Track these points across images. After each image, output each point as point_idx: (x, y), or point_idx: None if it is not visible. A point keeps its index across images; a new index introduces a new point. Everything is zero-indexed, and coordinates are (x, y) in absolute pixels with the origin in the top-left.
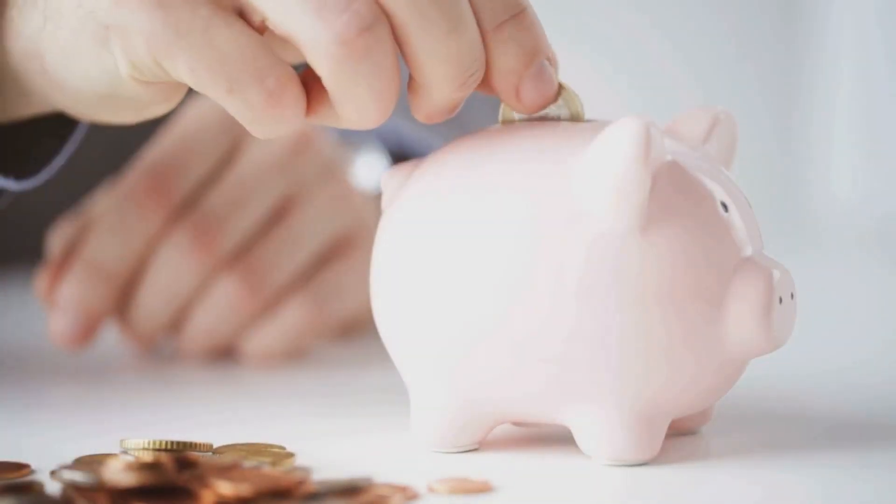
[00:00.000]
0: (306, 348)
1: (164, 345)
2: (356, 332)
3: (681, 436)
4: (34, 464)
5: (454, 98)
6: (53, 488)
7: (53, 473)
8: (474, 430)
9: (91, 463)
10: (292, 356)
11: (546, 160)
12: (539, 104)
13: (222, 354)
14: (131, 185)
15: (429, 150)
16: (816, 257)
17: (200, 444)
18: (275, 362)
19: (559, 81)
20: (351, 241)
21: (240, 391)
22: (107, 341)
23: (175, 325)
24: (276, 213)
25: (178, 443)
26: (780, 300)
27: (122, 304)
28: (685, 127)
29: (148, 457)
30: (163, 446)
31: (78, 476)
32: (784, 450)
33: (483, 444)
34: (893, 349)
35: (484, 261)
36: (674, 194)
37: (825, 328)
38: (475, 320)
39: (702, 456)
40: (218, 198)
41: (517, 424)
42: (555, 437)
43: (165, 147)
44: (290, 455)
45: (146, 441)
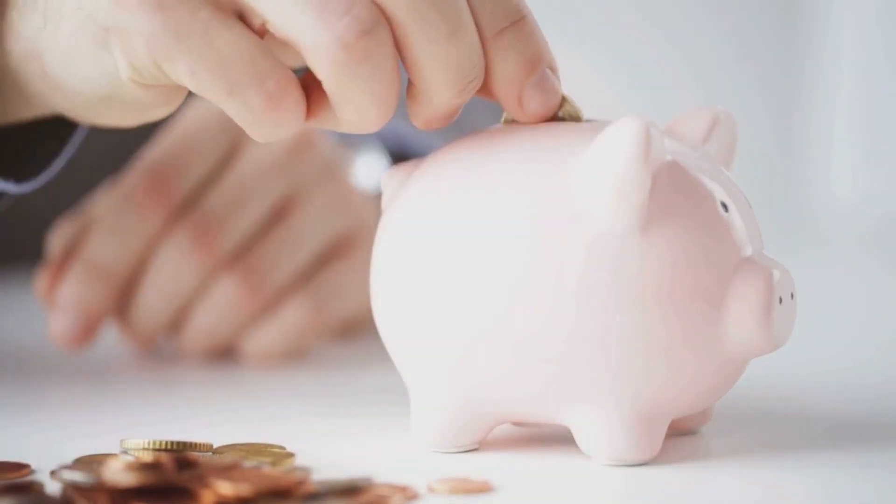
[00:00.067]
0: (306, 348)
1: (164, 345)
2: (356, 332)
3: (681, 436)
4: (34, 464)
5: (453, 104)
6: (53, 488)
7: (53, 473)
8: (474, 430)
9: (91, 463)
10: (292, 356)
11: (546, 160)
12: (542, 113)
13: (222, 354)
14: (131, 186)
15: (429, 150)
16: (816, 257)
17: (200, 444)
18: (275, 362)
19: (563, 93)
20: (351, 241)
21: (240, 391)
22: (107, 341)
23: (175, 325)
24: (276, 214)
25: (178, 443)
26: (780, 300)
27: (122, 304)
28: (685, 127)
29: (148, 457)
30: (163, 446)
31: (78, 476)
32: (784, 450)
33: (483, 444)
34: (893, 349)
35: (484, 261)
36: (674, 194)
37: (825, 328)
38: (475, 320)
39: (702, 456)
40: (218, 198)
41: (517, 424)
42: (555, 437)
43: (165, 147)
44: (290, 455)
45: (146, 441)
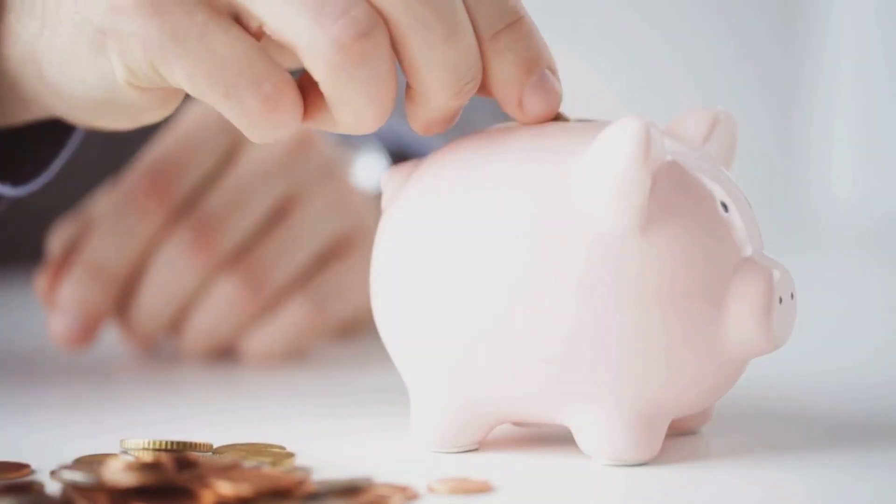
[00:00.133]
0: (306, 348)
1: (164, 345)
2: (356, 332)
3: (681, 436)
4: (34, 464)
5: (450, 106)
6: (53, 488)
7: (53, 473)
8: (474, 430)
9: (91, 463)
10: (292, 356)
11: (546, 160)
12: (542, 114)
13: (222, 354)
14: (131, 186)
15: (429, 150)
16: (816, 257)
17: (200, 444)
18: (275, 362)
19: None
20: (351, 241)
21: (240, 391)
22: (107, 341)
23: (175, 326)
24: (276, 214)
25: (178, 443)
26: (780, 300)
27: (122, 305)
28: (685, 127)
29: (148, 457)
30: (163, 446)
31: (78, 476)
32: (784, 450)
33: (483, 444)
34: (893, 349)
35: (484, 261)
36: (674, 194)
37: (825, 328)
38: (475, 320)
39: (702, 456)
40: (218, 198)
41: (517, 424)
42: (555, 437)
43: (165, 147)
44: (290, 455)
45: (146, 441)
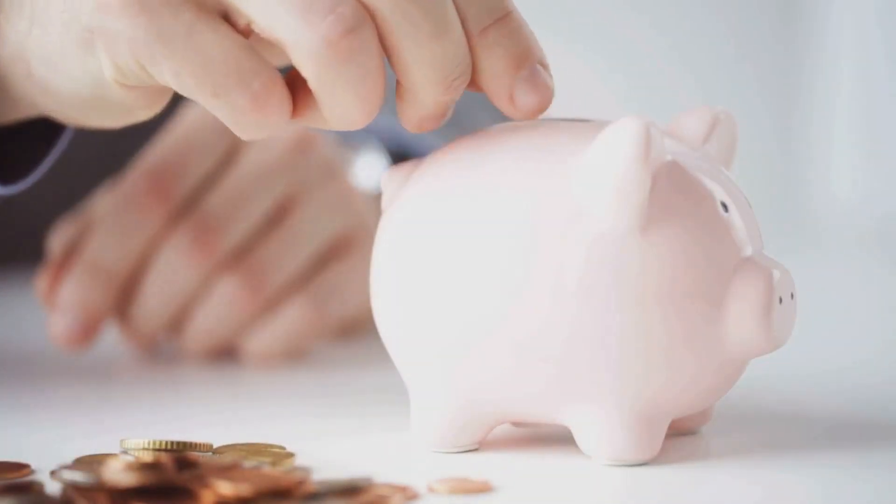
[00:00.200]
0: (306, 348)
1: (165, 345)
2: (356, 332)
3: (681, 436)
4: (34, 464)
5: (440, 101)
6: (53, 488)
7: (53, 473)
8: (474, 430)
9: (91, 463)
10: (292, 356)
11: (546, 160)
12: (534, 109)
13: (222, 354)
14: (132, 186)
15: (429, 150)
16: (816, 257)
17: (200, 444)
18: (275, 362)
19: None
20: (351, 241)
21: (240, 391)
22: (107, 341)
23: (175, 326)
24: (276, 214)
25: (178, 443)
26: (780, 300)
27: (122, 305)
28: (685, 127)
29: (148, 457)
30: (163, 446)
31: (78, 476)
32: (784, 450)
33: (483, 444)
34: (893, 349)
35: (484, 261)
36: (674, 194)
37: (825, 328)
38: (475, 320)
39: (702, 456)
40: (218, 198)
41: (517, 424)
42: (555, 437)
43: (166, 148)
44: (290, 455)
45: (146, 441)
